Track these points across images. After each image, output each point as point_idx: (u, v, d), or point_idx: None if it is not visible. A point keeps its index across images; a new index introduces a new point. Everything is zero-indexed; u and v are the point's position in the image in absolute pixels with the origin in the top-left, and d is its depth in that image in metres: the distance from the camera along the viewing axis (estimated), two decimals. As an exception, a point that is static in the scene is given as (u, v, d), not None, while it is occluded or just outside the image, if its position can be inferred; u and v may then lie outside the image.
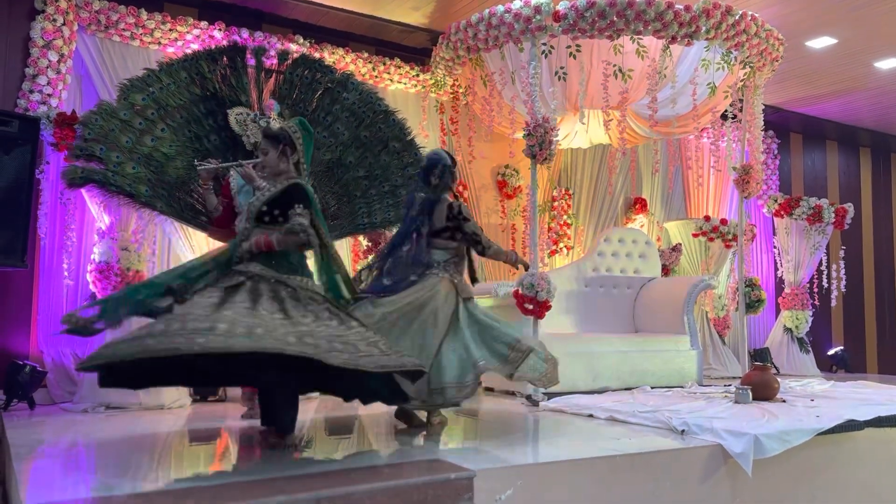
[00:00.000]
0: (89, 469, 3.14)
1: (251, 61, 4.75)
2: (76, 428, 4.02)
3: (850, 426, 3.81)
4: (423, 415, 3.94)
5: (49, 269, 5.07)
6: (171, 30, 5.49)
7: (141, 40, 5.44)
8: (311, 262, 3.46)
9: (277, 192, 3.31)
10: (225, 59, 4.63)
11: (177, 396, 4.85)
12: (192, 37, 5.55)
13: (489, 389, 5.78)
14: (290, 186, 3.32)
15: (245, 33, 5.69)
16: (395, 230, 4.19)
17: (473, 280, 4.10)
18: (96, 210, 4.97)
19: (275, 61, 4.96)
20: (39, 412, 4.58)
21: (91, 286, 4.94)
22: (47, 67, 5.05)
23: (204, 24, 5.60)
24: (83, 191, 4.87)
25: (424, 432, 3.79)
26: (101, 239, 4.95)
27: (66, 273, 5.04)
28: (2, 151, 4.51)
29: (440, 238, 3.90)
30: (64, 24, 5.10)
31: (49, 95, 5.04)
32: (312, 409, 4.75)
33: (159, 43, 5.50)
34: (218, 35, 5.59)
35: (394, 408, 3.90)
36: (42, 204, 4.92)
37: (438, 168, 3.91)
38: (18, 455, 3.16)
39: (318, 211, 3.37)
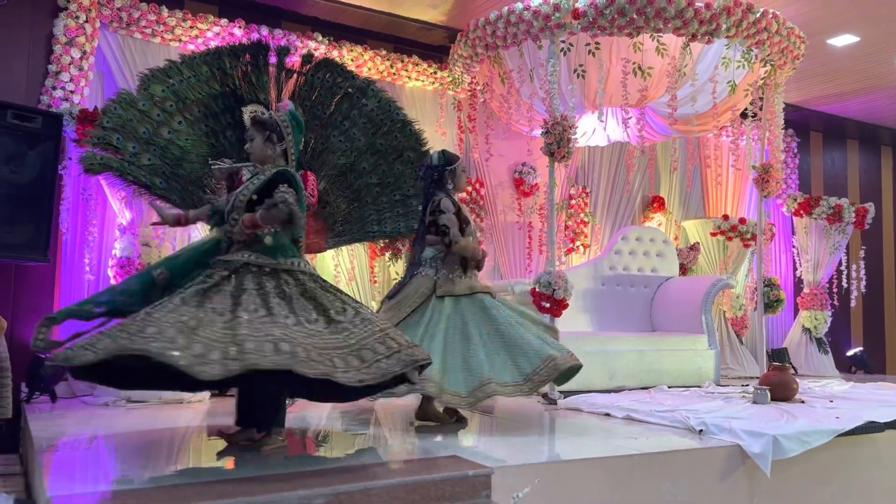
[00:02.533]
0: (110, 462, 3.18)
1: (273, 60, 4.74)
2: (97, 421, 4.07)
3: (871, 428, 3.78)
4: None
5: (71, 263, 5.13)
6: (191, 27, 5.53)
7: (162, 37, 5.49)
8: None
9: (265, 181, 3.21)
10: (248, 55, 4.63)
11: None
12: (213, 34, 5.58)
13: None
14: (276, 173, 3.22)
15: (264, 30, 5.71)
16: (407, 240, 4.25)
17: (465, 269, 3.94)
18: (118, 205, 5.02)
19: (296, 61, 4.96)
20: (61, 405, 4.63)
21: (112, 281, 5.00)
22: (70, 64, 5.10)
23: (224, 21, 5.62)
24: (105, 186, 4.94)
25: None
26: (122, 234, 5.00)
27: (87, 268, 5.10)
28: (25, 147, 4.57)
29: (429, 234, 3.96)
30: (86, 21, 5.15)
31: (71, 92, 5.09)
32: (328, 405, 4.77)
33: (180, 40, 5.54)
34: (238, 32, 5.62)
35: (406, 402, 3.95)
36: (64, 199, 4.96)
37: (422, 169, 4.04)
38: (41, 447, 3.21)
39: (302, 199, 3.23)
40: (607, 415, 4.23)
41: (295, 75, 4.80)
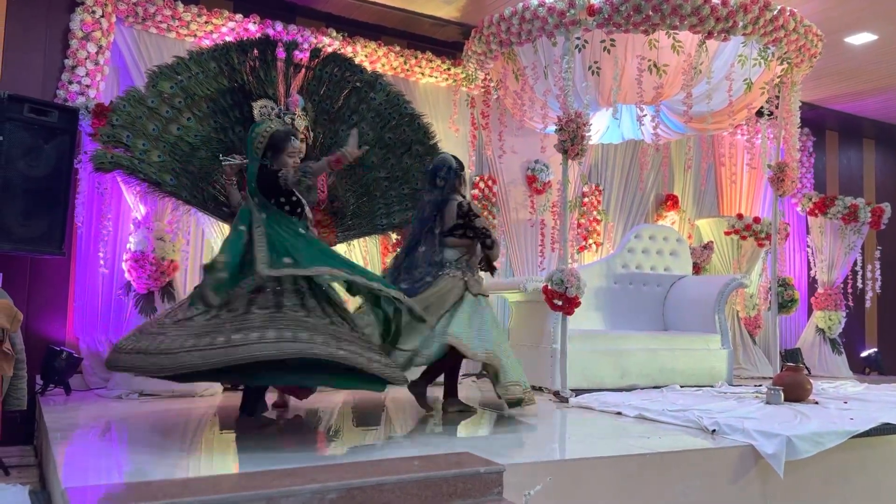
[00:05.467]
0: (123, 454, 3.20)
1: (281, 55, 4.73)
2: (110, 413, 4.10)
3: (886, 429, 3.76)
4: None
5: (85, 257, 5.16)
6: (206, 22, 5.54)
7: (177, 32, 5.50)
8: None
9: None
10: (255, 51, 4.62)
11: (208, 385, 4.91)
12: (227, 29, 5.59)
13: (516, 384, 5.77)
14: None
15: (279, 26, 5.72)
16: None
17: (492, 271, 4.29)
18: (132, 200, 5.05)
19: (305, 56, 4.95)
20: (75, 397, 4.67)
21: (126, 275, 5.03)
22: (86, 59, 5.13)
23: (239, 16, 5.64)
24: (119, 181, 4.96)
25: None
26: (136, 228, 5.03)
27: (101, 261, 5.12)
28: (41, 141, 4.60)
29: (452, 237, 4.13)
30: (102, 15, 5.18)
31: (87, 86, 5.12)
32: (340, 400, 4.79)
33: (195, 35, 5.56)
34: (252, 28, 5.63)
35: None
36: (79, 193, 4.99)
37: (443, 170, 4.20)
38: (55, 439, 3.23)
39: None
40: (619, 413, 4.22)
41: (303, 70, 4.78)
